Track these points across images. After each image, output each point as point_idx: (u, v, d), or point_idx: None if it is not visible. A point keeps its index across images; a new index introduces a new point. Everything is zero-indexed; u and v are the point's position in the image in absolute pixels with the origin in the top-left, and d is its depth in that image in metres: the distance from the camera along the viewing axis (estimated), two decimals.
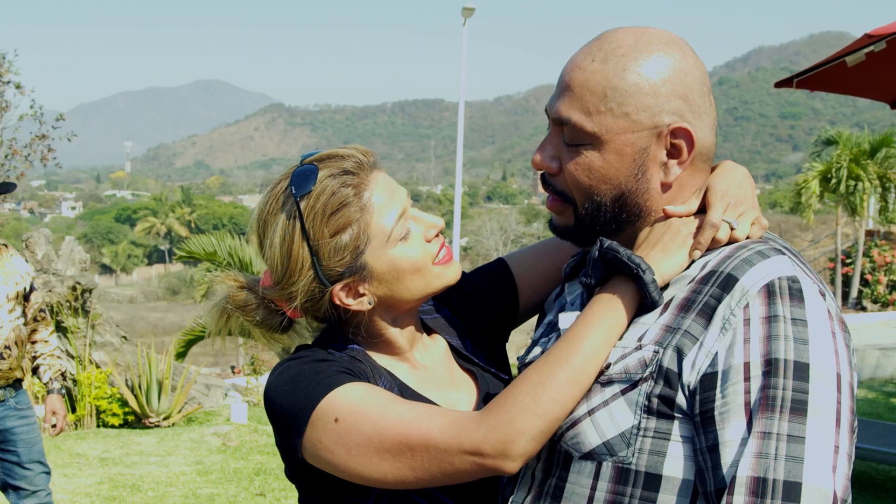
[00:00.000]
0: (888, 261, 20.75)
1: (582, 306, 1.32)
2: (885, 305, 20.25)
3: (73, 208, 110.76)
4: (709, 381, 1.11)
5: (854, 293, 20.81)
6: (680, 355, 1.14)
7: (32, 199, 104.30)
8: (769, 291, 1.12)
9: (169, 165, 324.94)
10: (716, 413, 1.09)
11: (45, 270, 8.61)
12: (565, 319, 1.30)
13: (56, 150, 13.95)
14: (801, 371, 1.07)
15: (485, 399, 1.45)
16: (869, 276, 20.81)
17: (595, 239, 1.27)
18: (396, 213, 1.34)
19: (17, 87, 13.49)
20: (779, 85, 5.58)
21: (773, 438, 1.04)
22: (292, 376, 1.30)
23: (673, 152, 1.22)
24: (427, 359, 1.48)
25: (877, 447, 5.63)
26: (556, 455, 1.23)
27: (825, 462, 1.03)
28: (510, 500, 1.29)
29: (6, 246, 4.12)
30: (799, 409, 1.05)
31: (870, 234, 21.69)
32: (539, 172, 1.32)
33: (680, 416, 1.13)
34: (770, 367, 1.07)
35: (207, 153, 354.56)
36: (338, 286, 1.35)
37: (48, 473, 4.16)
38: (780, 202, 52.81)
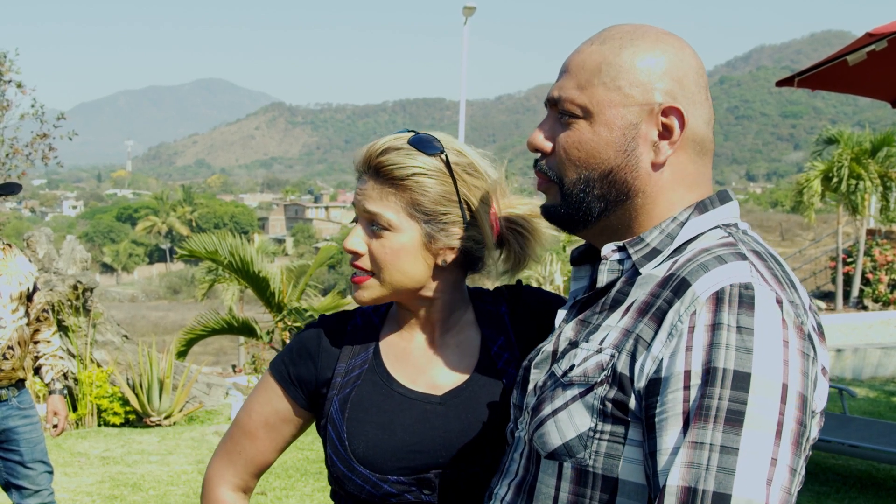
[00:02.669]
0: (889, 260, 20.76)
1: (584, 294, 1.30)
2: (886, 304, 20.25)
3: (75, 207, 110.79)
4: (653, 387, 1.09)
5: (855, 292, 20.82)
6: (633, 360, 1.13)
7: (34, 198, 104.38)
8: (718, 299, 1.09)
9: (170, 164, 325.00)
10: (656, 420, 1.08)
11: (47, 269, 8.60)
12: (559, 315, 1.31)
13: (57, 149, 13.95)
14: (741, 381, 1.03)
15: (442, 399, 1.49)
16: (870, 275, 20.82)
17: (584, 222, 1.26)
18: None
19: (19, 86, 13.50)
20: (780, 84, 5.58)
21: (705, 449, 1.02)
22: (295, 336, 1.63)
23: (664, 133, 1.21)
24: (440, 342, 1.53)
25: (877, 446, 5.61)
26: (532, 453, 1.23)
27: (759, 474, 1.00)
28: (495, 490, 1.30)
29: (10, 246, 4.12)
30: (734, 419, 1.02)
31: (871, 233, 21.69)
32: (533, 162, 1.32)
33: (633, 420, 1.12)
34: (709, 376, 1.05)
35: (208, 152, 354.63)
36: None
37: (51, 473, 4.16)
38: (782, 201, 52.77)
